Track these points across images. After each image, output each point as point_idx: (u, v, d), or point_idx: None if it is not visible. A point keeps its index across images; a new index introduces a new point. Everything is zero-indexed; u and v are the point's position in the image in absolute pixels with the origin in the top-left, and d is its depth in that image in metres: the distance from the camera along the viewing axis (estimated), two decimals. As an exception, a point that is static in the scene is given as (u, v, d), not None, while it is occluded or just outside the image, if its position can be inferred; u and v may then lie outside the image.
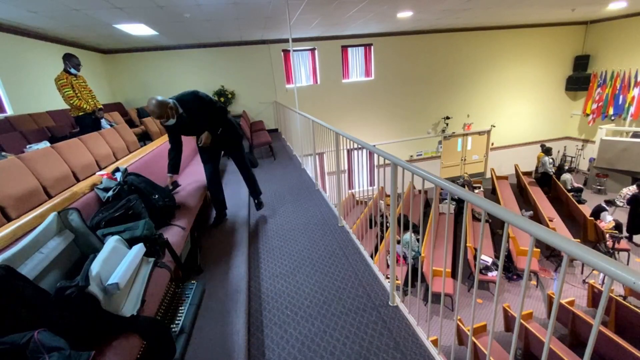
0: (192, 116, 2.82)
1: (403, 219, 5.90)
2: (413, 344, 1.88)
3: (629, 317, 4.18)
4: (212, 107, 2.90)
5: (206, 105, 2.86)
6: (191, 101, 2.80)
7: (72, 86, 4.21)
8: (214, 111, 2.93)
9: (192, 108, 2.81)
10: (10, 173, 2.38)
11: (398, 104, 10.53)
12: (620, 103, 9.97)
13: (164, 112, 2.61)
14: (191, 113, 2.81)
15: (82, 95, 4.33)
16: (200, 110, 2.84)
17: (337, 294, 2.35)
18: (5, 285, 1.14)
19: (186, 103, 2.78)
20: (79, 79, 4.34)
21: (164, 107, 2.60)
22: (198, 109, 2.83)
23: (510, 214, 1.14)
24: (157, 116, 2.62)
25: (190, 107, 2.80)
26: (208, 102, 2.88)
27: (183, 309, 1.98)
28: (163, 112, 2.60)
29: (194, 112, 2.82)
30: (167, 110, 2.63)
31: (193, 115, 2.82)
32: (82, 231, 1.74)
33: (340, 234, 3.21)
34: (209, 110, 2.89)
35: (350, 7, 5.93)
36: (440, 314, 2.29)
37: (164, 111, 2.60)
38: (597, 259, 0.83)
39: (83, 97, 4.33)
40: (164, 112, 2.61)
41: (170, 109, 2.65)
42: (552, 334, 1.05)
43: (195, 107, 2.82)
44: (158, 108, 2.58)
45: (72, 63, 4.23)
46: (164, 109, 2.60)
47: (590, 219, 6.55)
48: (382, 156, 2.11)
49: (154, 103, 2.57)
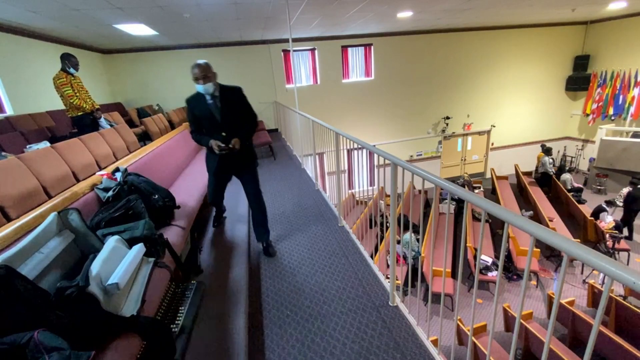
0: (227, 106, 2.50)
1: (403, 219, 5.90)
2: (413, 344, 1.88)
3: (629, 317, 4.18)
4: (250, 111, 2.62)
5: (245, 106, 2.58)
6: (233, 92, 2.53)
7: (72, 85, 4.20)
8: (250, 117, 2.63)
9: (231, 99, 2.52)
10: (10, 173, 2.38)
11: (398, 104, 10.52)
12: (620, 103, 9.97)
13: (208, 71, 2.36)
14: (227, 103, 2.50)
15: (81, 95, 4.31)
16: (237, 106, 2.55)
17: (337, 294, 2.35)
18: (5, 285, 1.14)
19: (227, 90, 2.51)
20: (76, 78, 4.31)
21: (208, 68, 2.38)
22: (236, 103, 2.54)
23: (510, 214, 1.14)
24: (198, 74, 2.35)
25: (229, 97, 2.51)
26: (248, 104, 2.60)
27: (183, 309, 1.98)
28: (207, 71, 2.36)
29: (231, 104, 2.52)
30: (210, 72, 2.38)
31: (229, 106, 2.51)
32: (82, 231, 1.73)
33: (340, 234, 3.21)
34: (245, 112, 2.59)
35: (350, 7, 5.93)
36: (440, 314, 2.29)
37: (208, 71, 2.36)
38: (597, 259, 0.83)
39: (81, 96, 4.31)
40: (207, 72, 2.36)
41: (213, 74, 2.40)
42: (552, 334, 1.05)
43: (235, 99, 2.53)
44: (201, 67, 2.36)
45: (71, 63, 4.18)
46: (208, 69, 2.37)
47: (591, 219, 6.56)
48: (382, 156, 2.11)
49: (199, 62, 2.37)
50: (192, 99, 2.52)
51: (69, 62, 4.17)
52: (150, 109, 8.24)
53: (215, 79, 2.42)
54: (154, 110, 8.35)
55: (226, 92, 2.50)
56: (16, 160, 2.54)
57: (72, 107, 4.28)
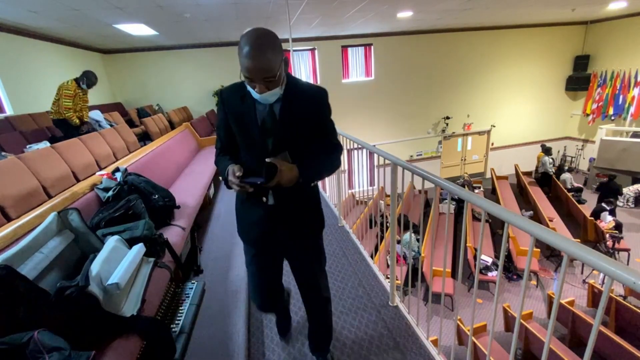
0: (290, 116, 1.25)
1: (403, 219, 5.90)
2: (413, 344, 1.88)
3: (629, 317, 4.18)
4: (329, 133, 1.34)
5: (323, 122, 1.31)
6: (310, 95, 1.28)
7: (75, 97, 4.20)
8: (327, 142, 1.34)
9: (301, 107, 1.26)
10: (10, 173, 2.38)
11: (398, 103, 10.52)
12: (620, 103, 9.97)
13: (281, 55, 1.14)
14: (292, 112, 1.25)
15: (78, 106, 4.31)
16: (309, 120, 1.28)
17: (337, 294, 2.35)
18: (5, 285, 1.14)
19: (299, 91, 1.26)
20: (84, 92, 4.37)
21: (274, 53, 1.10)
22: (309, 115, 1.28)
23: (510, 214, 1.15)
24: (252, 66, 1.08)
25: (298, 103, 1.25)
26: (329, 120, 1.34)
27: (183, 309, 1.98)
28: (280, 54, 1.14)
29: (298, 114, 1.25)
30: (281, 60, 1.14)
31: (293, 116, 1.25)
32: (82, 231, 1.74)
33: (340, 234, 3.21)
34: (320, 132, 1.32)
35: (350, 7, 5.93)
36: (440, 314, 2.29)
37: (282, 53, 1.15)
38: (597, 259, 0.83)
39: (77, 108, 4.31)
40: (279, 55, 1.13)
41: (283, 61, 1.16)
42: (552, 334, 1.05)
43: (310, 108, 1.28)
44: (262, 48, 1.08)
45: (88, 80, 4.22)
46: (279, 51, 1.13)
47: (590, 219, 6.56)
48: (382, 156, 2.11)
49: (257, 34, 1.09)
50: (229, 92, 1.29)
51: (87, 78, 4.22)
52: (150, 109, 8.24)
53: (282, 68, 1.16)
54: (154, 110, 8.36)
55: (296, 93, 1.25)
56: (16, 160, 2.54)
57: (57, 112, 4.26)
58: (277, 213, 1.34)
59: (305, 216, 1.41)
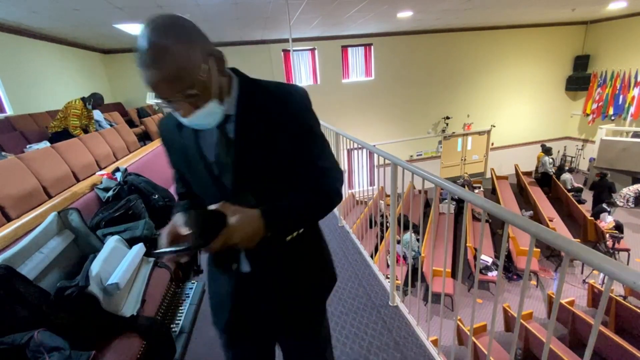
0: (249, 138, 0.81)
1: (403, 219, 5.90)
2: (413, 344, 1.88)
3: (629, 317, 4.18)
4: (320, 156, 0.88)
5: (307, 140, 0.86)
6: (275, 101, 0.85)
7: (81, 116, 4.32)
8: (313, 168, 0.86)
9: (262, 120, 0.82)
10: (10, 173, 2.38)
11: (398, 103, 10.53)
12: (620, 103, 9.97)
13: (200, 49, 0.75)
14: (253, 129, 0.82)
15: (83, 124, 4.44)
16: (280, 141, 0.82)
17: (337, 294, 2.35)
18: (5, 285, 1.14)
19: (259, 97, 0.85)
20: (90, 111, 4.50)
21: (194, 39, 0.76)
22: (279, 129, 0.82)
23: (510, 214, 1.15)
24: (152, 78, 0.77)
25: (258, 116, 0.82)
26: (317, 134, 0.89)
27: (183, 309, 1.98)
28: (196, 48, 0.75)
29: (261, 131, 0.81)
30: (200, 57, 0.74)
31: (254, 137, 0.81)
32: (82, 231, 1.74)
33: (340, 234, 3.21)
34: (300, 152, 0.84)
35: (350, 7, 5.93)
36: (440, 314, 2.29)
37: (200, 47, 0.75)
38: (597, 259, 0.83)
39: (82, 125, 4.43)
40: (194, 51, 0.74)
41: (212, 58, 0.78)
42: (552, 334, 1.05)
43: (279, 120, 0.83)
44: (152, 57, 0.75)
45: (95, 102, 4.40)
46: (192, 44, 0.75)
47: (590, 219, 6.56)
48: (382, 156, 2.11)
49: (146, 41, 0.73)
50: (165, 121, 0.94)
51: (94, 100, 4.38)
52: (150, 109, 8.23)
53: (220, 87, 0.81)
54: (154, 110, 8.35)
55: (257, 101, 0.85)
56: (16, 160, 2.54)
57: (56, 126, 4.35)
58: (256, 284, 0.91)
59: (300, 280, 0.94)
